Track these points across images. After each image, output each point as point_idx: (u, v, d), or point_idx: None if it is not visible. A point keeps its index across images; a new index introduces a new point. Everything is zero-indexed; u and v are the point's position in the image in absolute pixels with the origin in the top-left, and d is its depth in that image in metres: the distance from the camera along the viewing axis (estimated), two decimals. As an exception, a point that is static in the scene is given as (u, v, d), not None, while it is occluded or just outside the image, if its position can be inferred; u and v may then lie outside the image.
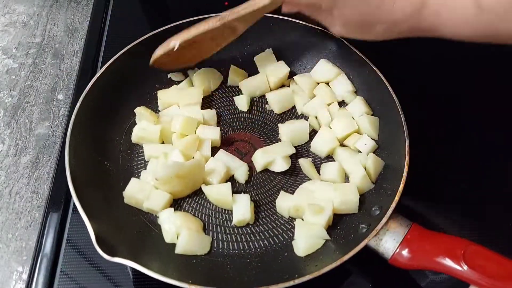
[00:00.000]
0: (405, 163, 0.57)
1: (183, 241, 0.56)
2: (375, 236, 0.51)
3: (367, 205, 0.59)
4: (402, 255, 0.51)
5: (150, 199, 0.59)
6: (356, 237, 0.54)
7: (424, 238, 0.51)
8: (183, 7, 0.89)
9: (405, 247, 0.51)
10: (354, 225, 0.57)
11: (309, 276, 0.48)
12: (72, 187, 0.54)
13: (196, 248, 0.56)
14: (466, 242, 0.49)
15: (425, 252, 0.50)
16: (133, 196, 0.59)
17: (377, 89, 0.66)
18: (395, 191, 0.54)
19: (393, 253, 0.51)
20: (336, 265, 0.49)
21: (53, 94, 0.80)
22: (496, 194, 0.65)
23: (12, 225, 0.65)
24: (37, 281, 0.56)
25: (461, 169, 0.68)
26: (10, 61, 0.85)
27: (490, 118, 0.73)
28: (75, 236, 0.60)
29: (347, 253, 0.50)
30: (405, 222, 0.53)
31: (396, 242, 0.51)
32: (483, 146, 0.71)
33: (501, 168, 0.68)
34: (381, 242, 0.52)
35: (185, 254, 0.56)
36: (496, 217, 0.63)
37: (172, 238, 0.56)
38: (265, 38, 0.75)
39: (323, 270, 0.49)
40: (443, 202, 0.64)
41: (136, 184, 0.60)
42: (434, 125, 0.72)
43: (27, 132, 0.75)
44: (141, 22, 0.89)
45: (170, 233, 0.57)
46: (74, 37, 0.89)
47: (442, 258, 0.48)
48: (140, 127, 0.66)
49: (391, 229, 0.52)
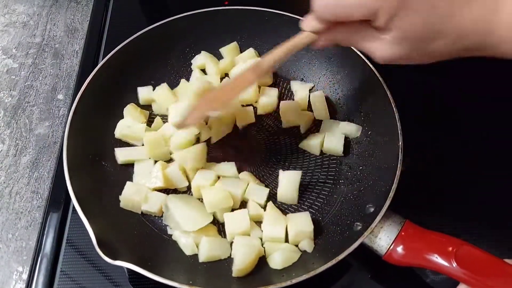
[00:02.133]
0: (398, 161, 0.57)
1: (205, 249, 0.55)
2: (369, 234, 0.52)
3: (361, 203, 0.59)
4: (396, 252, 0.51)
5: (147, 201, 0.59)
6: (351, 235, 0.54)
7: (417, 235, 0.52)
8: (183, 6, 0.89)
9: (398, 244, 0.51)
10: (349, 222, 0.57)
11: (305, 275, 0.49)
12: (72, 190, 0.54)
13: (219, 253, 0.56)
14: (458, 241, 0.49)
15: (417, 249, 0.51)
16: (129, 199, 0.59)
17: (369, 87, 0.66)
18: (389, 189, 0.55)
19: (387, 250, 0.52)
20: (331, 264, 0.49)
21: (53, 94, 0.80)
22: (492, 194, 0.65)
23: (12, 225, 0.65)
24: (37, 281, 0.56)
25: (456, 168, 0.68)
26: (10, 61, 0.85)
27: (488, 115, 0.73)
28: (75, 236, 0.60)
29: (342, 251, 0.51)
30: (399, 219, 0.53)
31: (389, 239, 0.52)
32: (480, 143, 0.70)
33: (498, 167, 0.68)
34: (376, 239, 0.52)
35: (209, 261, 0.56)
36: (491, 217, 0.63)
37: (193, 250, 0.56)
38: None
39: (319, 269, 0.49)
40: (436, 200, 0.64)
41: (132, 187, 0.60)
42: (429, 123, 0.72)
43: (27, 132, 0.75)
44: (141, 22, 0.89)
45: (189, 245, 0.56)
46: (74, 37, 0.89)
47: (434, 256, 0.49)
48: (125, 124, 0.65)
49: (385, 227, 0.53)
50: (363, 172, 0.63)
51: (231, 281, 0.53)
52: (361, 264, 0.58)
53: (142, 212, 0.60)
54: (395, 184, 0.55)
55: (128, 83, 0.70)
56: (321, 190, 0.64)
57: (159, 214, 0.60)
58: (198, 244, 0.56)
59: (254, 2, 0.74)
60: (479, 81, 0.77)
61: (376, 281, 0.58)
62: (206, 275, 0.54)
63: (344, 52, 0.68)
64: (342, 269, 0.53)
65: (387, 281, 0.58)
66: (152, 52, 0.72)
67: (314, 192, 0.63)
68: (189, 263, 0.55)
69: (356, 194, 0.61)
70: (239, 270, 0.53)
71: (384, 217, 0.52)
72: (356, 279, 0.58)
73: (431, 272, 0.57)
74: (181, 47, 0.75)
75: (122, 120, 0.66)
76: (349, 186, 0.63)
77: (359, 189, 0.62)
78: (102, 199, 0.58)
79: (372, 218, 0.52)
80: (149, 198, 0.59)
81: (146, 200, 0.59)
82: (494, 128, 0.72)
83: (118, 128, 0.66)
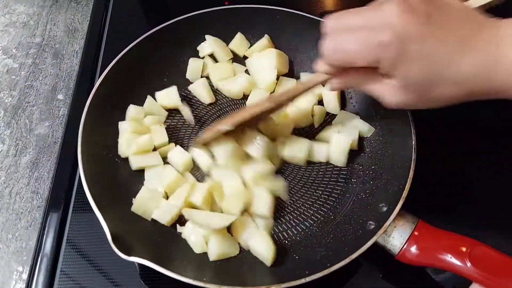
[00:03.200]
0: (412, 161, 0.57)
1: (215, 247, 0.55)
2: (383, 233, 0.52)
3: (374, 202, 0.59)
4: (409, 252, 0.51)
5: (159, 210, 0.58)
6: (364, 234, 0.54)
7: (431, 235, 0.52)
8: (183, 6, 0.89)
9: (412, 244, 0.51)
10: (362, 221, 0.57)
11: (320, 273, 0.49)
12: (86, 186, 0.54)
13: (229, 250, 0.56)
14: (472, 241, 0.49)
15: (431, 249, 0.51)
16: (142, 204, 0.58)
17: None
18: (402, 188, 0.55)
19: (400, 249, 0.52)
20: (345, 263, 0.50)
21: (53, 94, 0.80)
22: (509, 193, 0.65)
23: (12, 225, 0.65)
24: (37, 281, 0.56)
25: (470, 167, 0.68)
26: (10, 61, 0.85)
27: (505, 112, 0.73)
28: (75, 236, 0.60)
29: (356, 250, 0.51)
30: (412, 219, 0.53)
31: (403, 238, 0.52)
32: (496, 141, 0.70)
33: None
34: (389, 239, 0.52)
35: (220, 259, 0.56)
36: (506, 217, 0.63)
37: (202, 248, 0.56)
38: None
39: (333, 267, 0.49)
40: (449, 200, 0.64)
41: (147, 192, 0.59)
42: (442, 121, 0.71)
43: (27, 132, 0.75)
44: (141, 22, 0.89)
45: (199, 243, 0.56)
46: (74, 37, 0.89)
47: (448, 256, 0.49)
48: (125, 141, 0.64)
49: (398, 226, 0.53)
50: (376, 171, 0.63)
51: (243, 277, 0.53)
52: (371, 263, 0.58)
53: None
54: (409, 184, 0.55)
55: (140, 80, 0.70)
56: (332, 189, 0.64)
57: (169, 225, 0.59)
58: (207, 242, 0.56)
59: (254, 1, 0.74)
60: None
61: (387, 281, 0.58)
62: (218, 271, 0.54)
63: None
64: (353, 268, 0.53)
65: (399, 281, 0.58)
66: (164, 52, 0.73)
67: (326, 191, 0.63)
68: (200, 260, 0.55)
69: (369, 193, 0.61)
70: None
71: (398, 217, 0.53)
72: (367, 278, 0.58)
73: (442, 272, 0.57)
74: (194, 45, 0.75)
75: (120, 138, 0.65)
76: (361, 186, 0.63)
77: (372, 188, 0.61)
78: (115, 195, 0.58)
79: (386, 217, 0.53)
80: (162, 207, 0.58)
81: (158, 209, 0.58)
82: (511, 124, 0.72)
83: (121, 145, 0.64)
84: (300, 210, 0.62)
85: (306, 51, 0.75)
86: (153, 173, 0.62)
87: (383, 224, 0.52)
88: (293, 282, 0.48)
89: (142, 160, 0.63)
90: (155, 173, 0.62)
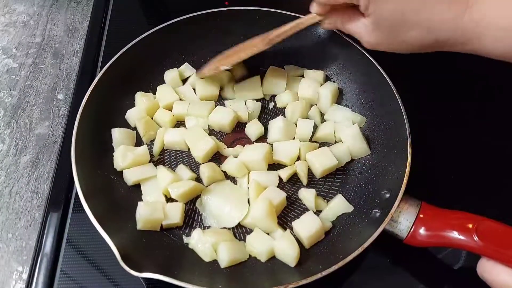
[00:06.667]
0: (408, 145, 0.57)
1: (225, 253, 0.55)
2: (390, 219, 0.53)
3: (376, 189, 0.60)
4: (416, 234, 0.52)
5: (167, 216, 0.58)
6: (371, 222, 0.55)
7: (436, 216, 0.53)
8: (182, 6, 0.89)
9: (419, 226, 0.52)
10: (366, 209, 0.58)
11: (335, 266, 0.50)
12: (91, 212, 0.52)
13: (239, 255, 0.56)
14: (478, 217, 0.50)
15: (438, 229, 0.52)
16: (148, 220, 0.57)
17: (371, 74, 0.67)
18: (402, 173, 0.55)
19: (407, 233, 0.53)
20: (358, 252, 0.50)
21: (53, 94, 0.80)
22: (504, 172, 0.66)
23: (12, 225, 0.65)
24: (37, 281, 0.56)
25: (465, 149, 0.69)
26: (10, 61, 0.85)
27: (500, 98, 0.74)
28: (75, 236, 0.60)
29: (366, 239, 0.51)
30: (415, 202, 0.54)
31: (409, 222, 0.53)
32: (492, 125, 0.71)
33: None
34: (396, 224, 0.53)
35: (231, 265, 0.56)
36: (505, 193, 0.64)
37: (211, 256, 0.56)
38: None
39: (347, 258, 0.50)
40: (449, 180, 0.65)
41: (146, 207, 0.57)
42: (433, 103, 0.73)
43: (27, 132, 0.75)
44: (141, 21, 0.89)
45: (208, 252, 0.56)
46: (74, 37, 0.89)
47: (455, 233, 0.50)
48: (120, 153, 0.62)
49: (404, 210, 0.53)
50: (373, 159, 0.64)
51: (259, 279, 0.54)
52: (378, 249, 0.59)
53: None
54: (408, 167, 0.55)
55: (134, 85, 0.70)
56: (332, 182, 0.64)
57: (181, 223, 0.59)
58: (216, 249, 0.56)
59: (253, 2, 0.74)
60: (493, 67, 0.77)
61: (396, 265, 0.59)
62: (231, 277, 0.54)
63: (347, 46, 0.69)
64: (361, 256, 0.53)
65: (408, 265, 0.59)
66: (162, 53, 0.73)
67: (326, 184, 0.64)
68: (212, 268, 0.55)
69: (369, 181, 0.62)
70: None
71: (401, 201, 0.53)
72: (376, 264, 0.59)
73: (451, 254, 0.58)
74: (193, 46, 0.75)
75: (116, 152, 0.63)
76: (359, 175, 0.64)
77: (371, 176, 0.62)
78: (119, 214, 0.57)
79: (390, 204, 0.53)
80: (168, 212, 0.58)
81: (166, 216, 0.58)
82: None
83: (116, 159, 0.62)
84: (304, 207, 0.62)
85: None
86: (149, 184, 0.61)
87: (390, 210, 0.53)
88: (310, 278, 0.49)
89: (137, 174, 0.61)
90: (152, 184, 0.61)
